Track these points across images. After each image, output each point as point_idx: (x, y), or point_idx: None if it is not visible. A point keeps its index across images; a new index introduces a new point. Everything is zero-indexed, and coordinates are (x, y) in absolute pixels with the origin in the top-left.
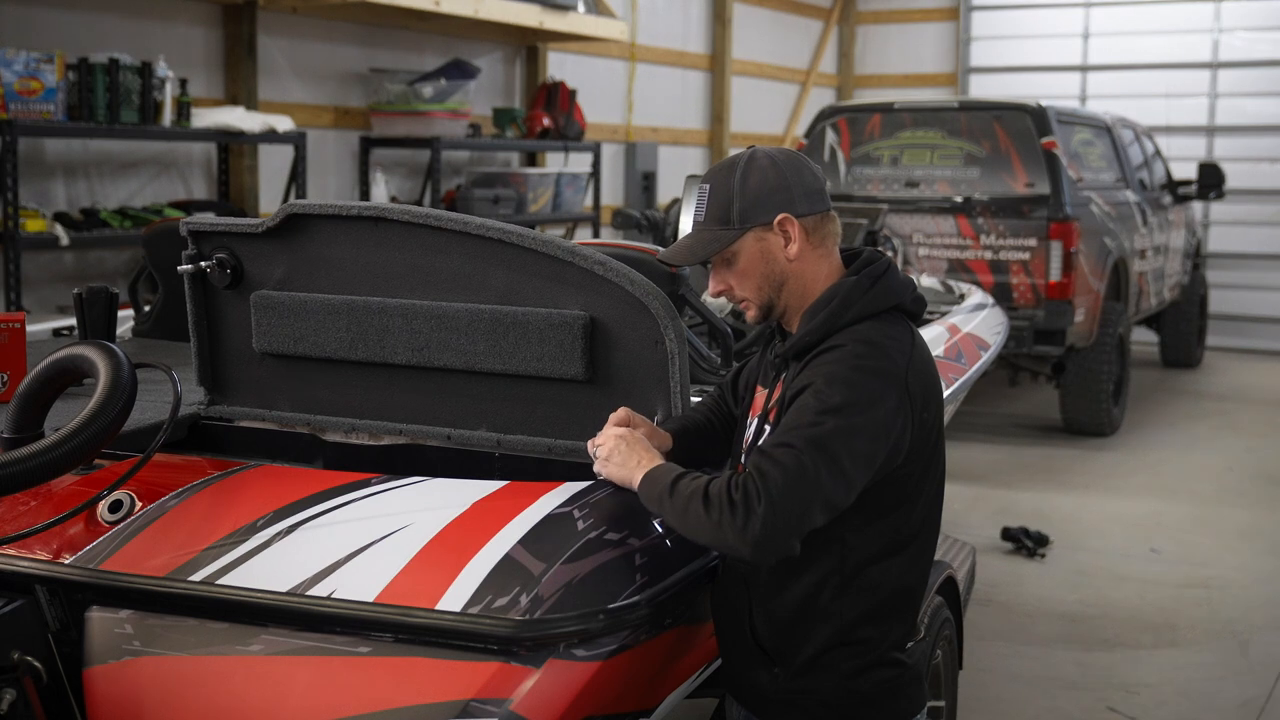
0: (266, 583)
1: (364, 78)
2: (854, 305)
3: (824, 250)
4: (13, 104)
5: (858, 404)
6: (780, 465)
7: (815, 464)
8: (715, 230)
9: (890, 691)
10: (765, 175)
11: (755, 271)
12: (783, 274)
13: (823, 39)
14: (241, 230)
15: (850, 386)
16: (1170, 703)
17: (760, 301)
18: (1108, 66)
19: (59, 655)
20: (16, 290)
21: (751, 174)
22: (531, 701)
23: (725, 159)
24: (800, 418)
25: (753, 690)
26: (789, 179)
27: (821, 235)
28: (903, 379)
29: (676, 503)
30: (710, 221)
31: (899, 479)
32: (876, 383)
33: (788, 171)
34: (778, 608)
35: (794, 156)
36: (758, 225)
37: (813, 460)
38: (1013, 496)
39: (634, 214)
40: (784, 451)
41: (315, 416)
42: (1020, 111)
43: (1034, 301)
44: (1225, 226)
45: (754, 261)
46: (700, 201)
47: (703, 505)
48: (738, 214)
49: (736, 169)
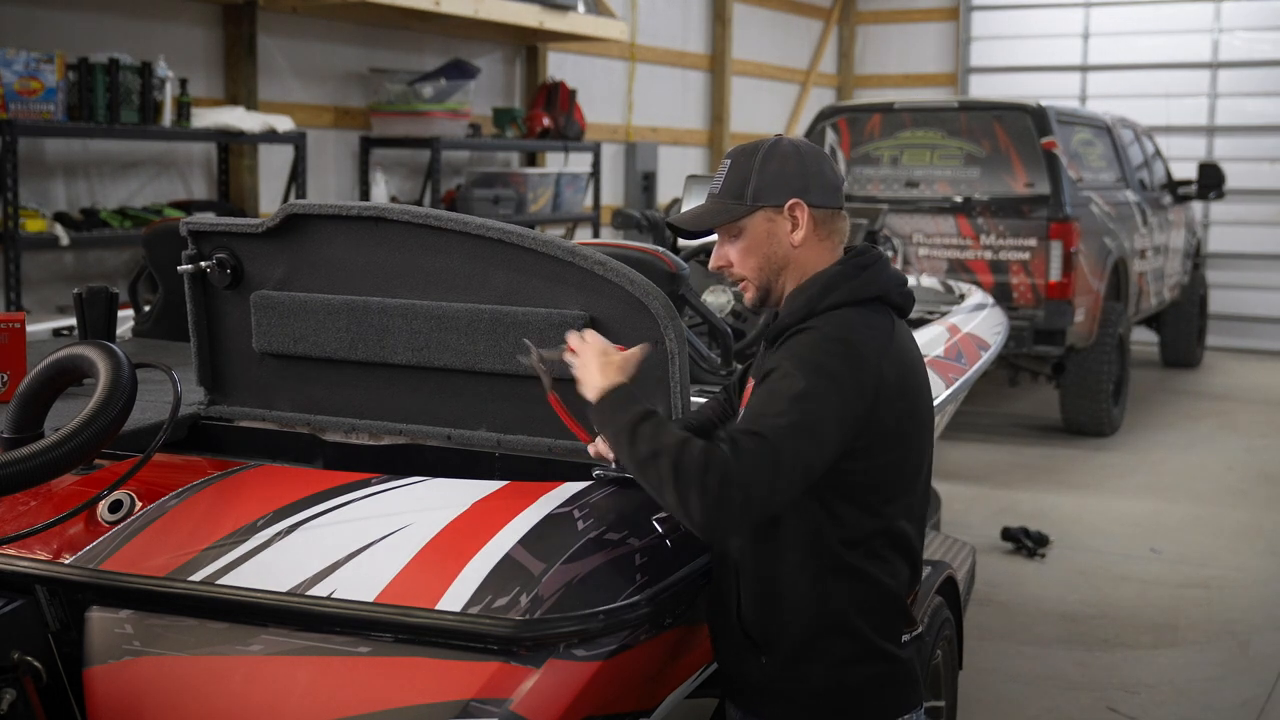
0: (266, 583)
1: (364, 78)
2: (835, 291)
3: (829, 245)
4: (13, 104)
5: (821, 387)
6: (750, 455)
7: (783, 454)
8: (728, 203)
9: (880, 685)
10: (786, 160)
11: (759, 250)
12: (784, 258)
13: (823, 39)
14: (241, 230)
15: (815, 370)
16: (1170, 703)
17: (759, 282)
18: (1108, 66)
19: (59, 655)
20: (16, 290)
21: (774, 157)
22: (531, 701)
23: (752, 141)
24: (768, 405)
25: (744, 683)
26: (808, 168)
27: (829, 230)
28: (875, 363)
29: (640, 446)
30: (725, 195)
31: (875, 465)
32: (841, 364)
33: (808, 161)
34: (762, 591)
35: (818, 151)
36: (769, 205)
37: (781, 450)
38: (1013, 496)
39: (634, 214)
40: (753, 440)
41: (315, 416)
42: (1020, 111)
43: (1034, 301)
44: (1225, 226)
45: (759, 240)
46: (720, 176)
47: (671, 470)
48: (752, 191)
49: (760, 150)
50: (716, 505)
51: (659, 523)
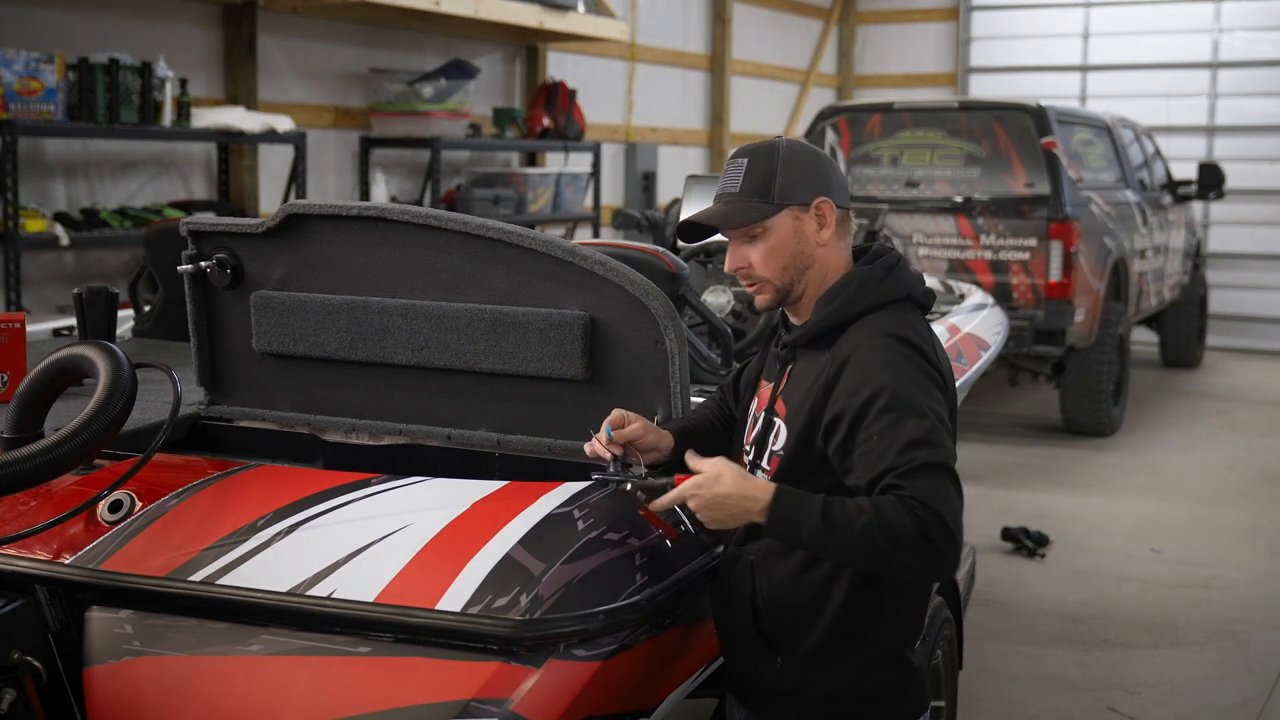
0: (266, 583)
1: (364, 78)
2: (869, 294)
3: (844, 246)
4: (13, 104)
5: (922, 391)
6: (933, 495)
7: (954, 471)
8: (753, 202)
9: (894, 692)
10: (808, 159)
11: (785, 250)
12: (810, 257)
13: (823, 39)
14: (241, 230)
15: (910, 381)
16: (1170, 703)
17: (781, 283)
18: (1108, 66)
19: (59, 655)
20: (16, 290)
21: (794, 155)
22: (531, 701)
23: (760, 141)
24: (909, 432)
25: (754, 683)
26: (827, 167)
27: (845, 229)
28: (936, 364)
29: (845, 539)
30: (748, 194)
31: None
32: (923, 363)
33: (825, 161)
34: (785, 593)
35: (826, 154)
36: (796, 204)
37: (952, 469)
38: (1013, 496)
39: (634, 214)
40: (936, 474)
41: (315, 416)
42: (1020, 111)
43: (1034, 301)
44: (1225, 226)
45: (786, 240)
46: (734, 175)
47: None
48: (779, 189)
49: (779, 148)
50: (952, 552)
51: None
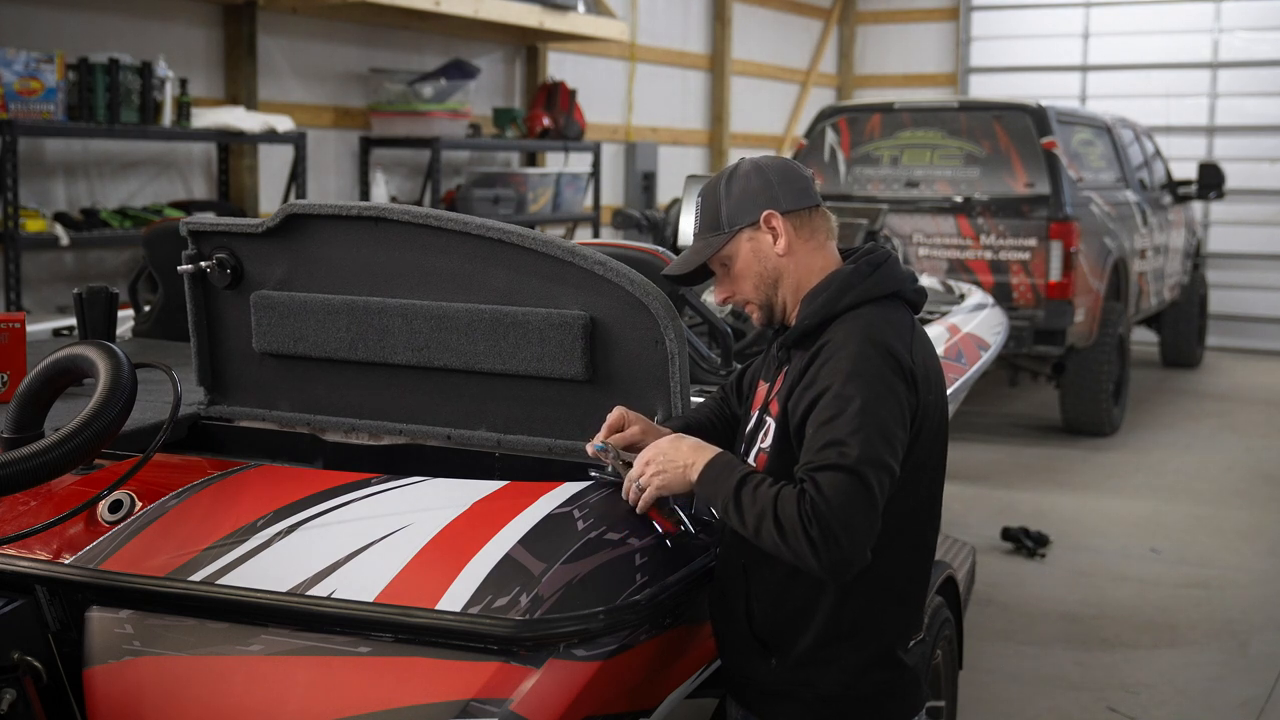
0: (266, 583)
1: (364, 78)
2: (852, 290)
3: (815, 244)
4: (13, 104)
5: (874, 394)
6: (839, 492)
7: (868, 476)
8: (709, 237)
9: (889, 693)
10: (749, 179)
11: (750, 271)
12: (776, 270)
13: (822, 39)
14: (241, 230)
15: (864, 381)
16: (1170, 702)
17: (760, 301)
18: (1108, 66)
19: (59, 655)
20: (16, 290)
21: (736, 180)
22: (531, 701)
23: (720, 170)
24: (832, 431)
25: (750, 684)
26: (771, 179)
27: (811, 230)
28: (908, 363)
29: (747, 516)
30: (704, 231)
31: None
32: (883, 365)
33: (770, 173)
34: (777, 596)
35: (778, 160)
36: (746, 225)
37: (865, 474)
38: (1013, 496)
39: (634, 214)
40: (834, 475)
41: (315, 416)
42: (1020, 111)
43: (1034, 301)
44: (1225, 226)
45: (748, 262)
46: (696, 215)
47: (775, 530)
48: (727, 217)
49: (723, 178)
50: (828, 552)
51: (659, 525)
